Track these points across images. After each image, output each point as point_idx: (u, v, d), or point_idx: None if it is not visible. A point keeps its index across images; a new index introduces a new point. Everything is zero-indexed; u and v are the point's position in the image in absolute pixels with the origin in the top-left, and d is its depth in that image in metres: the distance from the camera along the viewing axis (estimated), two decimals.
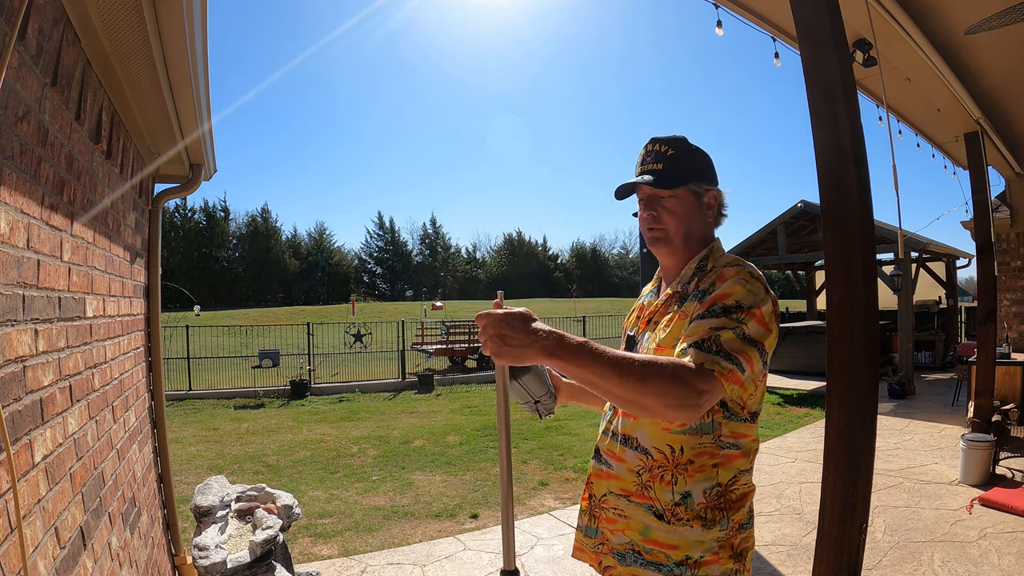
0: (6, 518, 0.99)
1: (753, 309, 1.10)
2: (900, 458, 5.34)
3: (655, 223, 1.29)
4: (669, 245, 1.29)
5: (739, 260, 1.23)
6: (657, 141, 1.29)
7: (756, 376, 1.11)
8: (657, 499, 1.17)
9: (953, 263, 12.06)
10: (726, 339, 1.06)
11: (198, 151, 2.66)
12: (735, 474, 1.18)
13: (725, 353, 1.05)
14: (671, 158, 1.26)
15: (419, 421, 8.31)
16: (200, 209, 50.30)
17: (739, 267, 1.18)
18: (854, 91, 1.79)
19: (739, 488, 1.19)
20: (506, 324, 0.98)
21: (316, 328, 13.48)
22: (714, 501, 1.16)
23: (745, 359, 1.06)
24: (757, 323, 1.10)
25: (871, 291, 1.68)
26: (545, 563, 3.46)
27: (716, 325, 1.08)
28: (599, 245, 72.79)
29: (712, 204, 1.30)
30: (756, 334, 1.09)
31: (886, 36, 3.34)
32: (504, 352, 0.98)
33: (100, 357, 1.81)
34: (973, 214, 5.13)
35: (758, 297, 1.12)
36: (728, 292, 1.13)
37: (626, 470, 1.22)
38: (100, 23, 1.51)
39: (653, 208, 1.28)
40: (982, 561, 3.22)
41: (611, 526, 1.24)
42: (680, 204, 1.27)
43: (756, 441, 1.23)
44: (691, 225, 1.28)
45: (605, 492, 1.26)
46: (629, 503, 1.21)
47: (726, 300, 1.11)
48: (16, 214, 1.11)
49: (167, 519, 2.88)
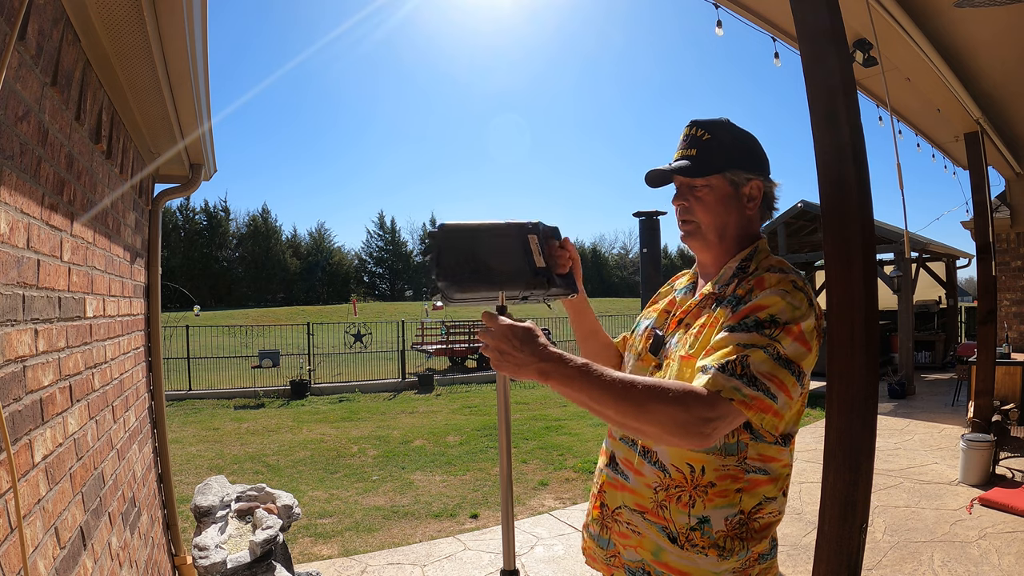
0: (6, 518, 0.99)
1: (791, 325, 0.98)
2: (900, 458, 5.34)
3: (686, 215, 1.18)
4: (702, 240, 1.18)
5: (784, 265, 1.11)
6: (695, 124, 1.17)
7: (792, 402, 0.99)
8: (672, 520, 1.08)
9: (953, 263, 12.06)
10: (755, 360, 0.95)
11: (198, 151, 2.66)
12: (760, 501, 1.08)
13: (750, 378, 0.94)
14: (706, 143, 1.14)
15: (419, 421, 8.31)
16: (201, 209, 50.34)
17: (782, 274, 1.06)
18: (854, 91, 1.79)
19: (764, 517, 1.08)
20: (507, 340, 0.95)
21: (316, 328, 13.48)
22: (735, 530, 1.06)
23: (777, 384, 0.95)
24: (795, 340, 0.98)
25: (871, 291, 1.68)
26: (545, 563, 3.46)
27: (746, 341, 0.97)
28: (599, 245, 72.79)
29: (754, 196, 1.16)
30: (793, 354, 0.98)
31: (886, 36, 3.34)
32: (502, 366, 0.97)
33: (100, 357, 1.81)
34: (973, 214, 5.13)
35: (799, 311, 1.00)
36: (764, 304, 1.01)
37: (643, 484, 1.12)
38: (100, 23, 1.51)
39: (684, 198, 1.18)
40: (982, 561, 3.21)
41: (623, 540, 1.16)
42: (713, 194, 1.15)
43: (788, 467, 1.12)
44: (726, 218, 1.16)
45: (620, 504, 1.17)
46: (643, 520, 1.12)
47: (760, 312, 1.00)
48: (16, 214, 1.11)
49: (167, 519, 2.88)
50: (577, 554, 3.55)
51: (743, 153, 1.15)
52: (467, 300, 1.17)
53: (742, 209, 1.16)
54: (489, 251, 1.11)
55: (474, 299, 1.16)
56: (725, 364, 0.96)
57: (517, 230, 1.11)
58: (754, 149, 1.17)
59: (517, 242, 1.11)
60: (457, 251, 1.11)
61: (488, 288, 1.11)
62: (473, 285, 1.11)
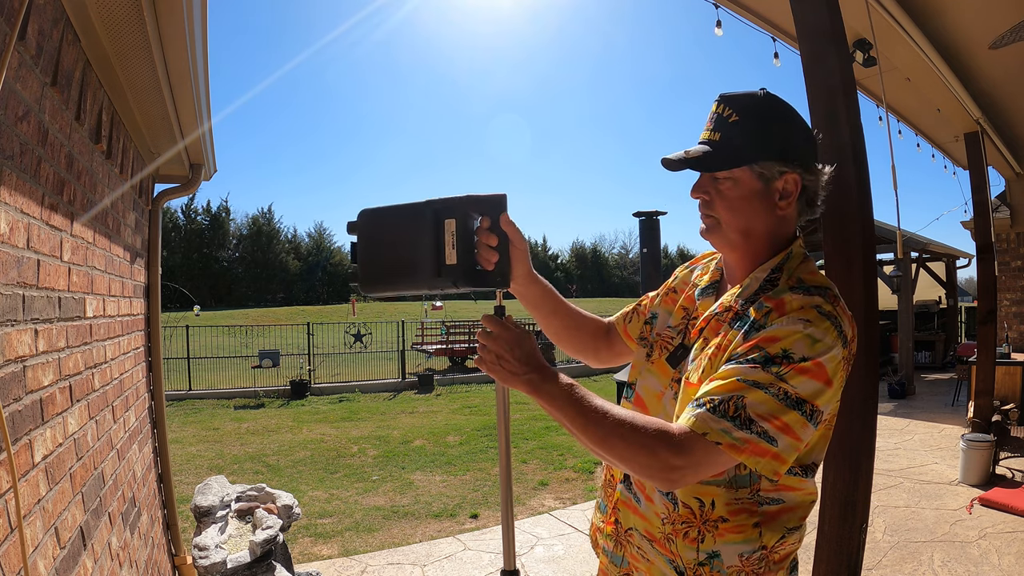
0: (6, 518, 0.99)
1: (806, 361, 0.84)
2: (900, 458, 5.34)
3: (707, 208, 1.01)
4: (723, 238, 1.01)
5: (815, 281, 0.94)
6: (724, 100, 0.97)
7: (798, 444, 0.86)
8: (679, 555, 0.98)
9: (953, 263, 12.06)
10: (753, 401, 0.84)
11: (198, 151, 2.66)
12: (783, 534, 0.96)
13: (744, 420, 0.83)
14: (733, 126, 0.95)
15: (419, 421, 8.31)
16: (203, 209, 50.34)
17: (806, 297, 0.89)
18: (854, 91, 1.79)
19: (785, 548, 0.97)
20: (508, 349, 0.95)
21: (316, 328, 13.49)
22: (754, 566, 0.95)
23: (778, 427, 0.83)
24: (810, 378, 0.84)
25: (871, 291, 1.68)
26: (545, 563, 3.46)
27: (749, 377, 0.85)
28: (599, 245, 72.80)
29: (790, 191, 0.97)
30: (807, 392, 0.84)
31: (886, 36, 3.34)
32: (494, 370, 0.96)
33: (100, 357, 1.81)
34: (973, 214, 5.14)
35: (820, 344, 0.85)
36: (778, 335, 0.86)
37: (653, 512, 1.03)
38: (100, 23, 1.51)
39: (704, 190, 1.00)
40: (982, 561, 3.21)
41: (636, 563, 1.09)
42: (737, 190, 0.97)
43: (813, 495, 0.99)
44: (751, 218, 0.98)
45: (631, 527, 1.08)
46: (652, 548, 1.04)
47: (771, 347, 0.85)
48: (16, 214, 1.11)
49: (167, 519, 2.88)
50: (577, 554, 3.55)
51: (777, 139, 0.95)
52: (384, 298, 1.04)
53: (772, 208, 0.98)
54: (401, 239, 0.96)
55: (390, 297, 1.02)
56: (718, 404, 0.85)
57: (432, 213, 0.94)
58: (793, 133, 0.97)
59: (428, 228, 0.94)
60: (371, 242, 0.98)
61: (397, 285, 0.98)
62: (382, 283, 0.98)
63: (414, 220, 0.96)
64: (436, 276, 0.95)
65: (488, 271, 1.00)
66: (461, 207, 0.95)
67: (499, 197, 0.99)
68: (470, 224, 0.98)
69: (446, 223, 0.95)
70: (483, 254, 1.00)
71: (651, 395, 1.11)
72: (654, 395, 1.11)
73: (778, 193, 0.97)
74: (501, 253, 1.00)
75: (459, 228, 0.94)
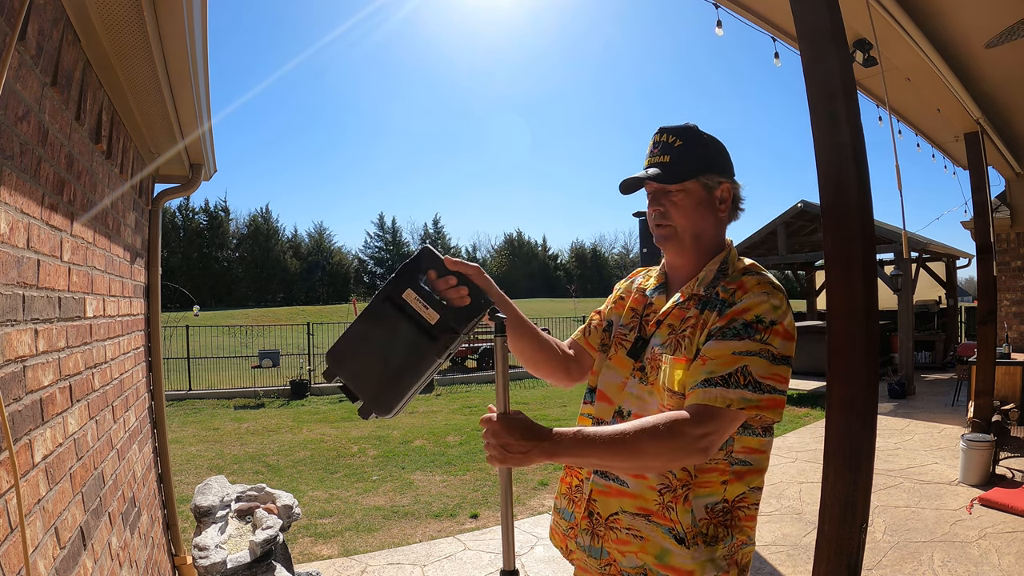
0: (7, 518, 0.99)
1: (776, 325, 1.06)
2: (900, 458, 5.34)
3: (663, 219, 1.21)
4: (678, 243, 1.22)
5: (758, 268, 1.18)
6: (665, 131, 1.21)
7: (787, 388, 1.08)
8: (679, 521, 1.09)
9: (953, 263, 12.06)
10: (756, 368, 1.03)
11: (198, 151, 2.66)
12: (744, 491, 1.13)
13: (755, 384, 1.02)
14: (679, 149, 1.18)
15: (419, 421, 8.31)
16: (201, 209, 50.33)
17: (759, 277, 1.13)
18: (854, 91, 1.79)
19: (747, 508, 1.14)
20: (507, 435, 1.01)
21: (316, 328, 13.48)
22: (718, 517, 1.10)
23: (779, 380, 1.04)
24: (783, 339, 1.06)
25: (871, 291, 1.68)
26: (545, 563, 3.46)
27: (741, 349, 1.04)
28: (599, 245, 72.96)
29: (725, 198, 1.22)
30: (785, 350, 1.06)
31: (886, 36, 3.34)
32: (508, 460, 1.02)
33: (100, 357, 1.81)
34: (973, 214, 5.13)
35: (780, 310, 1.08)
36: (749, 306, 1.08)
37: (646, 487, 1.13)
38: (100, 23, 1.51)
39: (660, 203, 1.21)
40: (982, 561, 3.21)
41: (622, 547, 1.15)
42: (689, 199, 1.19)
43: (767, 456, 1.17)
44: (702, 221, 1.20)
45: (616, 511, 1.16)
46: (648, 523, 1.12)
47: (746, 315, 1.07)
48: (16, 214, 1.11)
49: (167, 519, 2.88)
50: None
51: (713, 157, 1.20)
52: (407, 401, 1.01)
53: (715, 212, 1.22)
54: (382, 343, 0.95)
55: (419, 392, 1.00)
56: (728, 377, 1.03)
57: (389, 301, 0.95)
58: (721, 152, 1.22)
59: (396, 313, 0.95)
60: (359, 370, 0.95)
61: (415, 376, 0.96)
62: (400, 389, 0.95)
63: (380, 320, 0.98)
64: (434, 340, 0.98)
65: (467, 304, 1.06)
66: (405, 277, 1.00)
67: (425, 250, 1.07)
68: (423, 282, 1.04)
69: (404, 297, 0.98)
70: (451, 295, 1.10)
71: (613, 388, 1.26)
72: (616, 387, 1.25)
73: (719, 200, 1.21)
74: (467, 284, 1.10)
75: (418, 292, 0.99)
